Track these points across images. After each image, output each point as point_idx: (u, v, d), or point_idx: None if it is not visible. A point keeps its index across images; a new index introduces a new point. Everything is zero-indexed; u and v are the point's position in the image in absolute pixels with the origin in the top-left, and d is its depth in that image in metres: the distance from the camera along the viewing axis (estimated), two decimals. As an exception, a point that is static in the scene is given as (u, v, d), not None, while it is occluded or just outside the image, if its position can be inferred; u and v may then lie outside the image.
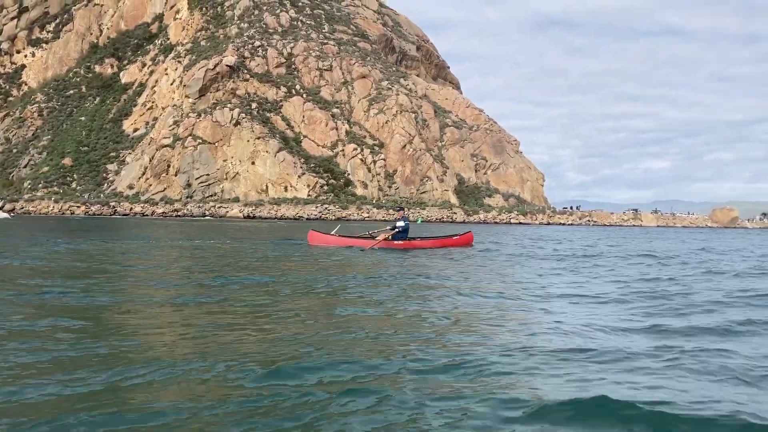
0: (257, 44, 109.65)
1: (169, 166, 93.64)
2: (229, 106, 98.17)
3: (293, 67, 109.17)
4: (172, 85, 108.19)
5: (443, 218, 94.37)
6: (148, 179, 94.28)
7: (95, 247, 20.52)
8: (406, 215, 23.17)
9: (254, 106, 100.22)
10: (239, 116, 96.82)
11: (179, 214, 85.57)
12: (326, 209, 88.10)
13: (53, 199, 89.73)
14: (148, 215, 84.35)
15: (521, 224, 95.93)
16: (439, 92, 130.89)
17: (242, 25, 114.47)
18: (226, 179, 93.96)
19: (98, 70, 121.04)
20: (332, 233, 23.32)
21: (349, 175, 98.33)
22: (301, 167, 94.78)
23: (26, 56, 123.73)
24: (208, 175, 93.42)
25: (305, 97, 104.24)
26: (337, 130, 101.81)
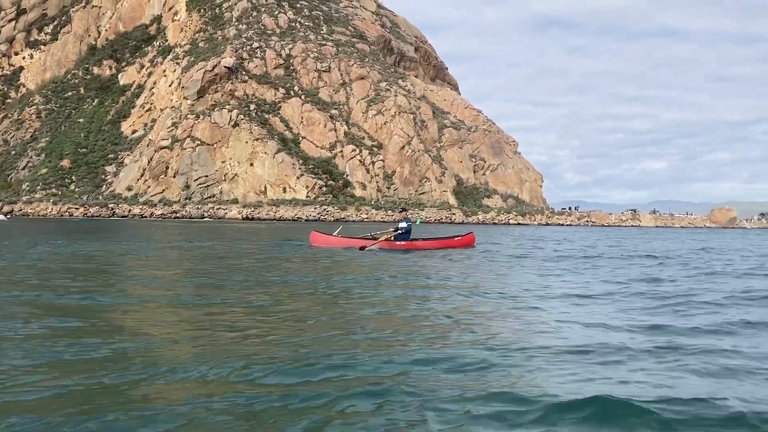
0: (255, 46, 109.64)
1: (167, 167, 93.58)
2: (227, 107, 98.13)
3: (291, 68, 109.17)
4: (170, 86, 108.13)
5: (442, 219, 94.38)
6: (146, 181, 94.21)
7: (94, 248, 20.46)
8: (408, 216, 23.25)
9: (252, 107, 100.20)
10: (237, 117, 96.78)
11: (178, 215, 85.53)
12: (325, 210, 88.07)
13: (52, 201, 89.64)
14: (146, 217, 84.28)
15: (520, 225, 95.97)
16: (437, 93, 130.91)
17: (240, 26, 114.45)
18: (224, 181, 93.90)
19: (96, 71, 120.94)
20: (334, 234, 23.36)
21: (347, 176, 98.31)
22: (299, 168, 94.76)
23: (24, 58, 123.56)
24: (206, 176, 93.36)
25: (304, 98, 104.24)
26: (335, 131, 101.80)
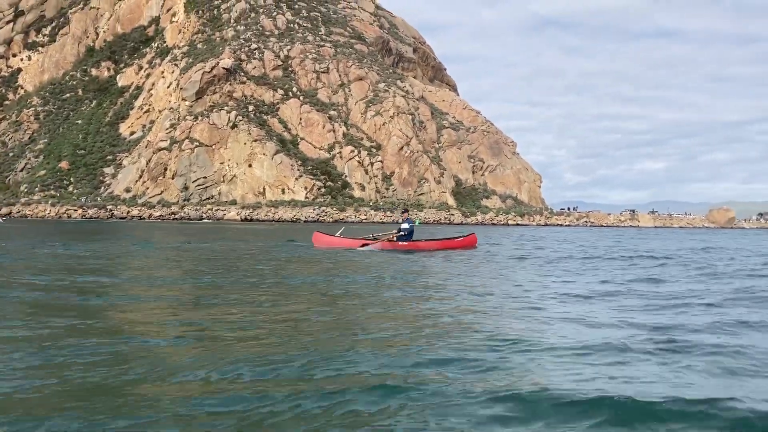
0: (254, 47, 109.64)
1: (166, 169, 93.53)
2: (225, 108, 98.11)
3: (290, 69, 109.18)
4: (168, 88, 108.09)
5: (441, 220, 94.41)
6: (145, 182, 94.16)
7: (92, 249, 20.42)
8: (410, 217, 23.36)
9: (251, 108, 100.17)
10: (236, 119, 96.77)
11: (176, 217, 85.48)
12: (324, 211, 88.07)
13: (50, 202, 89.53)
14: (145, 218, 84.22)
15: (519, 225, 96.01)
16: (435, 94, 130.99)
17: (239, 27, 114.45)
18: (223, 182, 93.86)
19: (95, 73, 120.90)
20: (337, 235, 23.49)
21: (346, 177, 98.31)
22: (298, 169, 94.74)
23: (22, 60, 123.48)
24: (205, 177, 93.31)
25: (302, 99, 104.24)
26: (334, 132, 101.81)
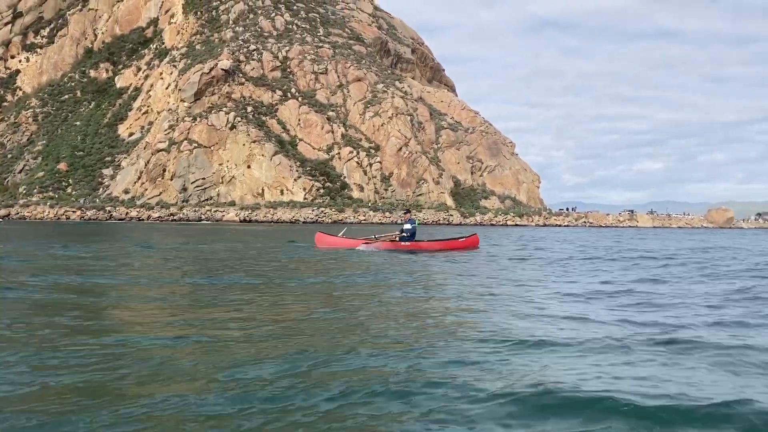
0: (252, 48, 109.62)
1: (164, 170, 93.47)
2: (224, 109, 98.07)
3: (288, 70, 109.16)
4: (167, 89, 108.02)
5: (439, 221, 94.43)
6: (143, 183, 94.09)
7: (91, 250, 20.40)
8: (412, 218, 23.47)
9: (250, 109, 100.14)
10: (235, 120, 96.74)
11: (175, 218, 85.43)
12: (323, 212, 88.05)
13: (49, 204, 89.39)
14: (143, 219, 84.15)
15: (518, 226, 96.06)
16: (434, 95, 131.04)
17: (237, 28, 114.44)
18: (221, 183, 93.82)
19: (93, 74, 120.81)
20: (339, 235, 23.57)
21: (345, 178, 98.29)
22: (297, 170, 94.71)
23: (21, 61, 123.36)
24: (203, 179, 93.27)
25: (301, 100, 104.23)
26: (332, 133, 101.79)
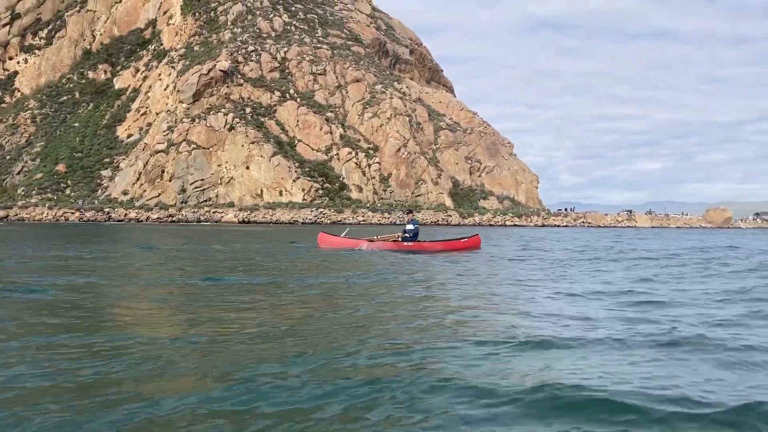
0: (251, 49, 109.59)
1: (163, 171, 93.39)
2: (223, 111, 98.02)
3: (287, 71, 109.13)
4: (165, 90, 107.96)
5: (438, 221, 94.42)
6: (142, 185, 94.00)
7: (90, 251, 20.39)
8: (415, 218, 23.55)
9: (248, 110, 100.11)
10: (233, 121, 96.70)
11: (174, 219, 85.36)
12: (321, 213, 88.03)
13: (47, 205, 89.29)
14: (142, 221, 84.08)
15: (516, 226, 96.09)
16: (432, 95, 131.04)
17: (235, 29, 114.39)
18: (220, 184, 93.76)
19: (91, 76, 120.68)
20: (342, 235, 23.67)
21: (343, 178, 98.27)
22: (295, 171, 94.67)
23: (19, 63, 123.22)
24: (202, 180, 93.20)
25: (299, 101, 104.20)
26: (331, 134, 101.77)
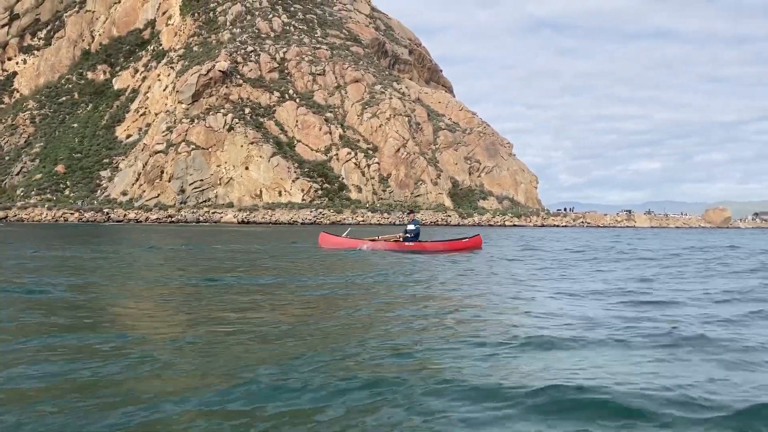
0: (250, 49, 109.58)
1: (162, 172, 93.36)
2: (222, 111, 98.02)
3: (286, 72, 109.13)
4: (164, 90, 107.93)
5: (438, 221, 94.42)
6: (141, 185, 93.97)
7: (89, 251, 20.38)
8: (416, 218, 23.57)
9: (247, 111, 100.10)
10: (232, 121, 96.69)
11: (173, 220, 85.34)
12: (321, 213, 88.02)
13: (46, 206, 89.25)
14: (142, 221, 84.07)
15: (516, 226, 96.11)
16: (432, 96, 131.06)
17: (234, 30, 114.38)
18: (219, 185, 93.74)
19: (90, 76, 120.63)
20: (344, 236, 23.69)
21: (343, 179, 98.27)
22: (294, 172, 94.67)
23: (18, 63, 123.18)
24: (201, 180, 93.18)
25: (298, 101, 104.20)
26: (330, 134, 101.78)
